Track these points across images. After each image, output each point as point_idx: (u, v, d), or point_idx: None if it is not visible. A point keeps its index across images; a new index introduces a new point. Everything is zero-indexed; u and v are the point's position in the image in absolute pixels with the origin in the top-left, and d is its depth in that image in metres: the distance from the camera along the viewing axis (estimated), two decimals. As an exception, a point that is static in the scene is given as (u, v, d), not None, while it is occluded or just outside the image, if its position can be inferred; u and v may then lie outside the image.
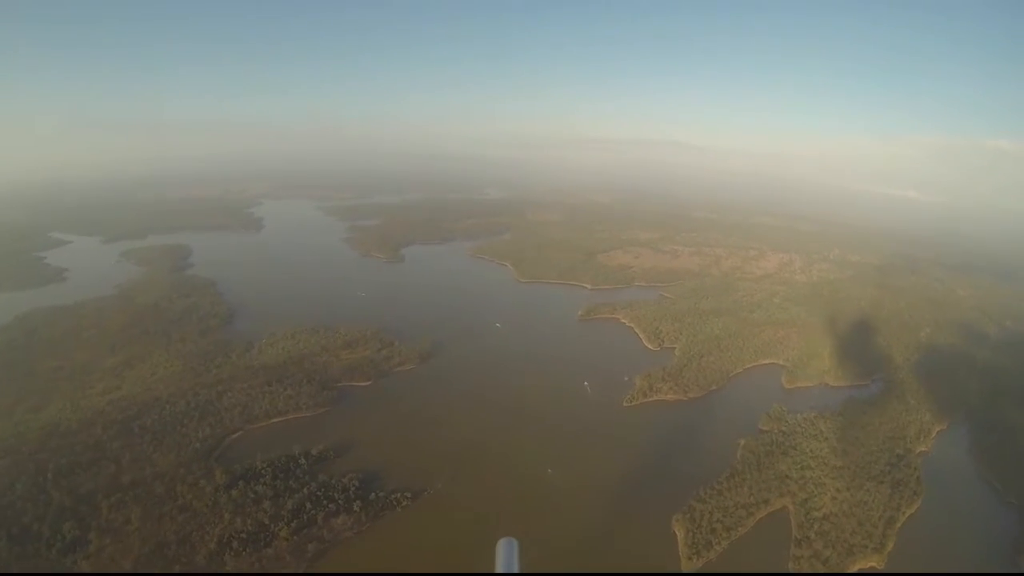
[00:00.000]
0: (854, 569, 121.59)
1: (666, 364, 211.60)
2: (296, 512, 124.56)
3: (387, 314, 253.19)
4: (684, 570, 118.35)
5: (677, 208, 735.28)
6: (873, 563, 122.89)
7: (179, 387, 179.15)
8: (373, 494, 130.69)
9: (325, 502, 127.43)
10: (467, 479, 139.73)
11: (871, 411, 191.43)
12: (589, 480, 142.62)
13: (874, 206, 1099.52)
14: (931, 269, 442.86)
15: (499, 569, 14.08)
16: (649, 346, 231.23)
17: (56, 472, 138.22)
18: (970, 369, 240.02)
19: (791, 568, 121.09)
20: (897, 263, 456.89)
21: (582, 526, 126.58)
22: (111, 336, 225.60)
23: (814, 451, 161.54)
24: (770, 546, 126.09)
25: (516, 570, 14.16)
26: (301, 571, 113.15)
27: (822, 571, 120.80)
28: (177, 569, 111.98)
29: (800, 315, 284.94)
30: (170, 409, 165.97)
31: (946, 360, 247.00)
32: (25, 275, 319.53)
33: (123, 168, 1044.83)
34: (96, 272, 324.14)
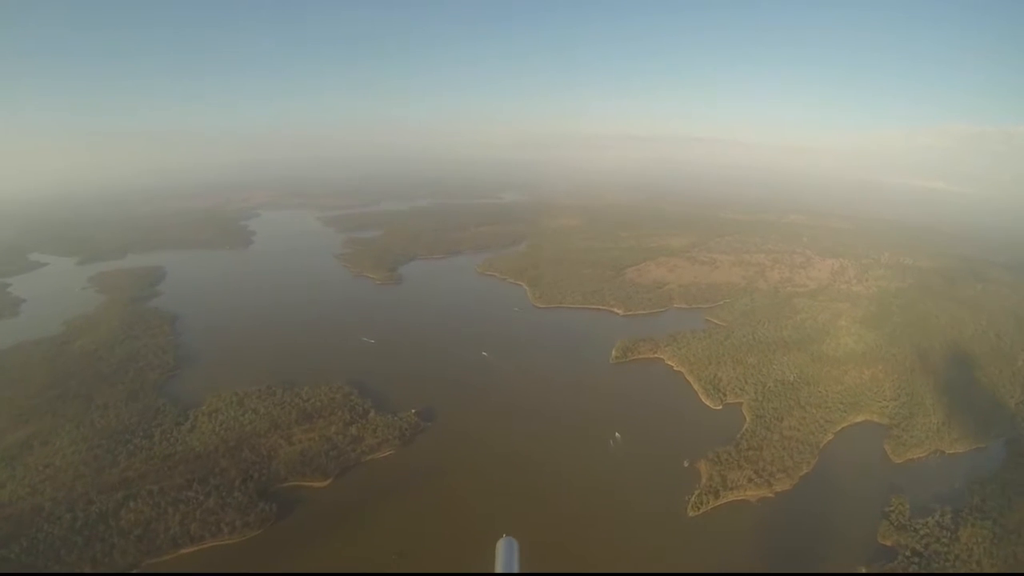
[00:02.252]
0: None
1: (735, 434, 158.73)
2: None
3: (367, 361, 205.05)
4: None
5: (703, 208, 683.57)
6: None
7: (71, 490, 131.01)
8: None
9: None
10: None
11: (1015, 498, 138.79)
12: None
13: (903, 199, 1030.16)
14: (991, 271, 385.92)
15: (499, 569, 13.78)
16: (708, 403, 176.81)
17: None
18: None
19: None
20: (954, 265, 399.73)
21: None
22: (29, 397, 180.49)
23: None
24: None
25: (516, 570, 13.83)
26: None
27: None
28: None
29: (880, 344, 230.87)
30: (48, 530, 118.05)
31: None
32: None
33: (130, 179, 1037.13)
34: (54, 303, 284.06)
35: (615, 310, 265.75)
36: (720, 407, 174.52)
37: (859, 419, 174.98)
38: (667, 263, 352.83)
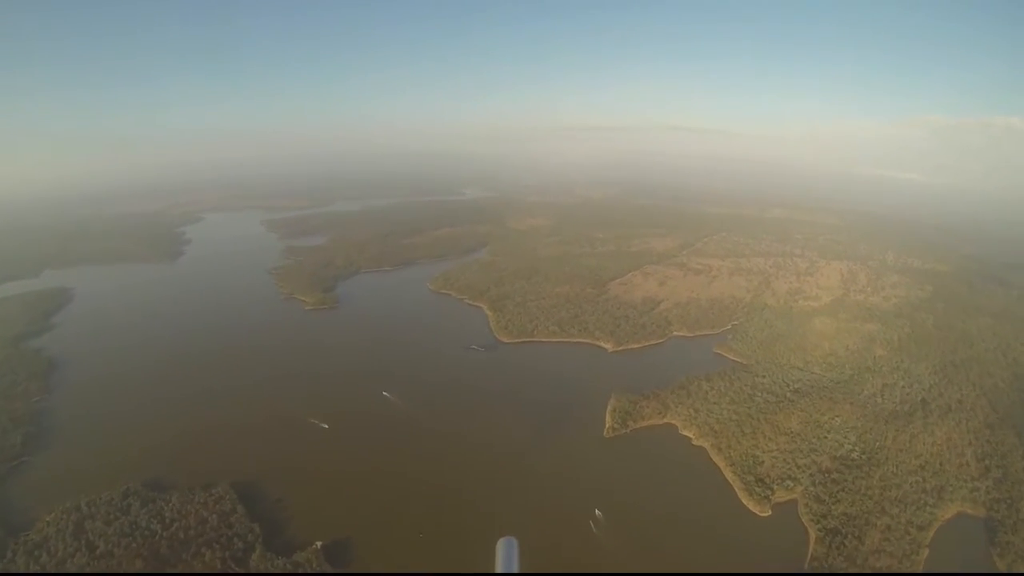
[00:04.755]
0: None
1: (800, 564, 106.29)
2: None
3: (267, 441, 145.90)
4: None
5: (682, 203, 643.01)
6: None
7: None
8: None
9: None
10: None
11: None
12: None
13: (881, 191, 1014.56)
14: (1009, 274, 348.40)
15: (499, 569, 13.59)
16: (750, 505, 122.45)
17: None
18: None
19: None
20: (967, 267, 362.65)
21: None
22: None
23: None
24: None
25: (516, 570, 13.65)
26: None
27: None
28: None
29: (937, 384, 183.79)
30: None
31: None
32: None
33: (88, 181, 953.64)
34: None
35: (602, 344, 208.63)
36: (768, 512, 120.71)
37: (950, 513, 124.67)
38: (656, 273, 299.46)
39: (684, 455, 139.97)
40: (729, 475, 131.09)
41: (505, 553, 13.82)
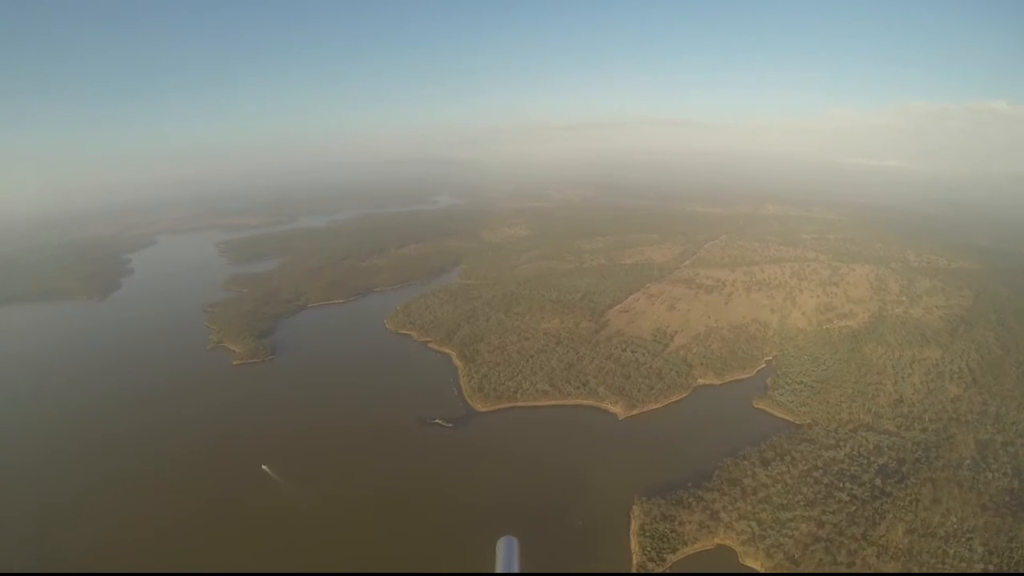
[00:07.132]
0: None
1: None
2: None
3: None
4: None
5: (669, 202, 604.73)
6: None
7: None
8: None
9: None
10: None
11: None
12: None
13: (866, 180, 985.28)
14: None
15: (499, 569, 13.10)
16: None
17: None
18: None
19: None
20: (995, 264, 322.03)
21: None
22: None
23: None
24: None
25: (516, 570, 13.13)
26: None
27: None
28: None
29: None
30: None
31: None
32: None
33: (52, 205, 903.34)
34: None
35: (609, 407, 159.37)
36: None
37: None
38: (662, 294, 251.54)
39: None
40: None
41: (505, 553, 13.22)
